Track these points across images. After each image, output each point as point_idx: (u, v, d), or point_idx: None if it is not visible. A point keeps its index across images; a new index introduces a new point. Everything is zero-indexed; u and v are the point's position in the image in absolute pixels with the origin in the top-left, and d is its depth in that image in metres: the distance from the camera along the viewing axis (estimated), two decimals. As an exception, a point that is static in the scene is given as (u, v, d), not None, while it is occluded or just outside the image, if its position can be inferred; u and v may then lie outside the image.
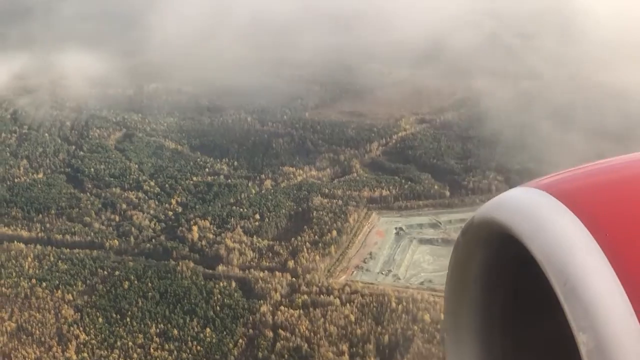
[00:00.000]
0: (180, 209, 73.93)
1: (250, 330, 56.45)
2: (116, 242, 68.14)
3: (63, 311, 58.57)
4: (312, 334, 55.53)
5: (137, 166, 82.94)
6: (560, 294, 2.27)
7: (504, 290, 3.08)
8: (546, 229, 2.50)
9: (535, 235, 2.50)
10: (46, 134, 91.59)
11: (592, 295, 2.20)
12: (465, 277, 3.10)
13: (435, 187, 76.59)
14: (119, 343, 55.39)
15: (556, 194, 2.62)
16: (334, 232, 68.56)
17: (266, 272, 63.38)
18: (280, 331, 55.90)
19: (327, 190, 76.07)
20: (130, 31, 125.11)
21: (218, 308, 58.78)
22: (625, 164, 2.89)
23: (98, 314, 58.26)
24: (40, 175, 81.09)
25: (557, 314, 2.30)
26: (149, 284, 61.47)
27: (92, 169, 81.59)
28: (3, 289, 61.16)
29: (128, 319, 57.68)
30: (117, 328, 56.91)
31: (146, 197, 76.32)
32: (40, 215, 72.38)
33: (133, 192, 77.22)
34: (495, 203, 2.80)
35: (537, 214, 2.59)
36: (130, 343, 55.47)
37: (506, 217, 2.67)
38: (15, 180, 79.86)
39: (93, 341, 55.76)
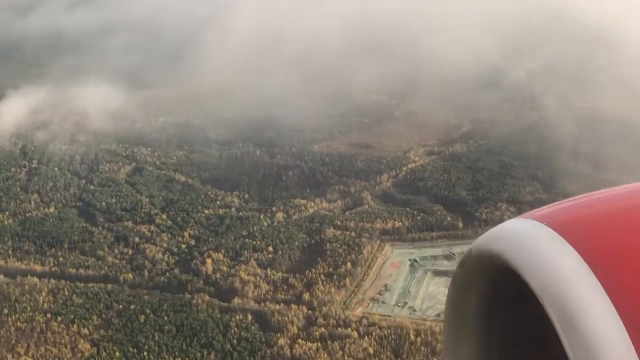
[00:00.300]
0: (193, 242, 73.81)
1: (269, 364, 56.15)
2: (130, 275, 67.94)
3: (80, 345, 58.17)
4: (331, 367, 55.24)
5: (148, 199, 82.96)
6: (558, 326, 2.27)
7: (502, 321, 3.09)
8: (543, 261, 2.50)
9: (533, 267, 2.50)
10: (56, 168, 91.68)
11: (590, 327, 2.21)
12: (464, 308, 3.12)
13: (448, 218, 76.64)
14: (136, 377, 54.97)
15: (553, 226, 2.63)
16: (349, 264, 68.47)
17: (282, 304, 63.18)
18: (299, 364, 55.63)
19: (339, 222, 76.11)
20: (151, 64, 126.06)
21: (235, 341, 58.45)
22: (621, 195, 2.90)
23: (115, 348, 57.85)
24: (52, 210, 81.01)
25: (555, 345, 2.31)
26: (165, 318, 61.16)
27: (104, 203, 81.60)
28: (18, 323, 60.78)
29: (145, 353, 57.29)
30: (134, 362, 56.54)
31: (158, 230, 76.25)
32: (53, 249, 72.22)
33: (145, 225, 77.15)
34: (492, 235, 2.81)
35: (534, 246, 2.59)
36: (148, 377, 55.07)
37: (503, 249, 2.68)
38: (27, 214, 79.80)
39: (110, 376, 55.37)
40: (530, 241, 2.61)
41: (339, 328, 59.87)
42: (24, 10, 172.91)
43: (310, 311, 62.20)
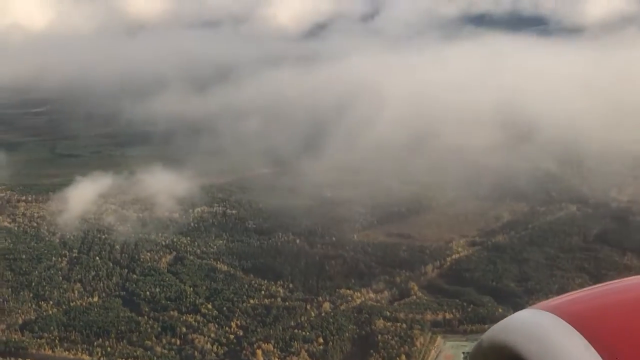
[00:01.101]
0: (241, 332, 72.55)
1: None
2: (180, 366, 66.54)
3: None
4: None
5: (191, 289, 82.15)
6: None
7: None
8: (555, 353, 2.44)
9: (545, 359, 2.43)
10: (97, 258, 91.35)
11: None
12: None
13: (499, 310, 75.23)
14: None
15: (565, 316, 2.57)
16: (403, 357, 66.92)
17: (338, 398, 61.44)
18: None
19: (388, 313, 74.87)
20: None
21: None
22: (631, 286, 2.91)
23: None
24: (96, 299, 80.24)
25: None
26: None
27: (148, 292, 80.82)
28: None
29: None
30: None
31: (205, 320, 75.14)
32: (100, 339, 71.05)
33: (191, 315, 76.11)
34: (503, 326, 2.78)
35: (546, 337, 2.53)
36: None
37: (515, 340, 2.63)
38: (71, 304, 79.02)
39: None
40: (543, 333, 2.57)
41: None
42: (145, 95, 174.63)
43: (367, 405, 60.40)
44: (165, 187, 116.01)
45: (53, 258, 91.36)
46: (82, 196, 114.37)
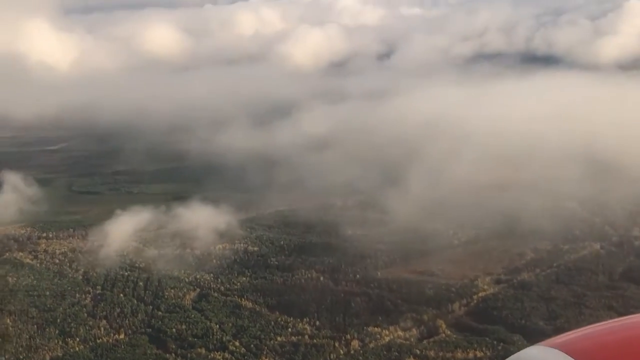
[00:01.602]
0: (271, 371, 71.97)
1: None
2: (210, 405, 65.82)
3: None
4: None
5: (217, 326, 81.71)
6: None
7: None
8: None
9: None
10: (121, 294, 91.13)
11: None
12: None
13: (530, 348, 74.44)
14: None
15: (571, 353, 2.76)
16: (436, 395, 66.17)
17: None
18: None
19: (418, 352, 74.19)
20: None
21: None
22: (636, 323, 2.97)
23: None
24: (122, 336, 79.82)
25: None
26: None
27: (174, 329, 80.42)
28: None
29: None
30: None
31: (233, 357, 74.66)
32: (129, 377, 70.55)
33: (219, 352, 75.61)
34: None
35: None
36: None
37: None
38: (98, 340, 78.63)
39: None
40: None
41: None
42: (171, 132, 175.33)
43: None
44: (185, 224, 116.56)
45: (77, 295, 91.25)
46: (103, 233, 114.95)
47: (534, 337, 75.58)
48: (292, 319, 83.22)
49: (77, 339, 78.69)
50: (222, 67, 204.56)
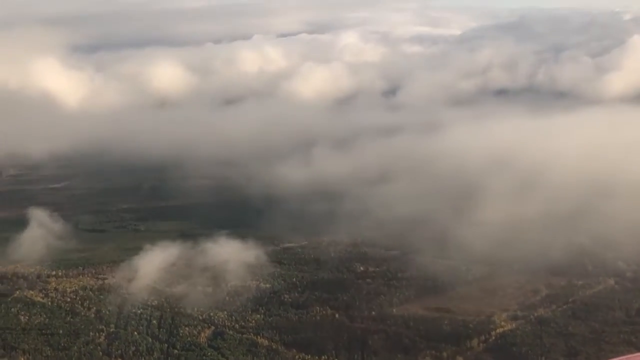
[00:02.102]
0: (292, 409, 71.02)
1: None
2: None
3: None
4: None
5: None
6: None
7: None
8: None
9: None
10: (135, 333, 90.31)
11: None
12: None
13: (553, 384, 73.92)
14: None
15: None
16: None
17: None
18: None
19: (440, 389, 73.39)
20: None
21: None
22: None
23: None
24: (139, 375, 78.92)
25: None
26: None
27: (191, 368, 79.57)
28: None
29: None
30: None
31: (253, 396, 73.70)
32: (149, 416, 69.53)
33: (238, 391, 74.71)
34: None
35: None
36: None
37: None
38: (114, 379, 77.64)
39: None
40: None
41: None
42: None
43: None
44: (196, 262, 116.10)
45: (91, 333, 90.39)
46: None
47: (555, 373, 75.16)
48: (309, 356, 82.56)
49: (94, 378, 77.64)
50: (228, 104, 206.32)
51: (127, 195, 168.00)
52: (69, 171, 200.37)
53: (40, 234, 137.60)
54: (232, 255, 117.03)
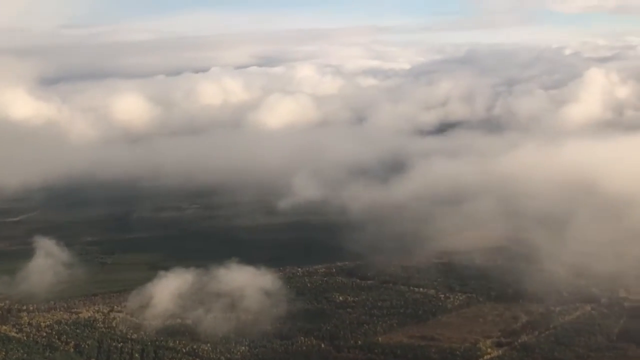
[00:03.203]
0: None
1: None
2: None
3: None
4: None
5: (226, 397, 79.63)
6: None
7: None
8: None
9: None
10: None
11: None
12: None
13: (548, 409, 74.65)
14: None
15: None
16: None
17: None
18: None
19: (436, 417, 73.40)
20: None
21: None
22: None
23: None
24: (129, 409, 77.03)
25: None
26: None
27: (182, 401, 77.98)
28: None
29: None
30: None
31: None
32: None
33: None
34: None
35: None
36: None
37: None
38: (104, 414, 75.65)
39: None
40: None
41: None
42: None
43: None
44: (170, 293, 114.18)
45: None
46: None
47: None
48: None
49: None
50: (195, 134, 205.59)
51: (93, 227, 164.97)
52: (31, 204, 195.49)
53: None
54: (205, 285, 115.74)
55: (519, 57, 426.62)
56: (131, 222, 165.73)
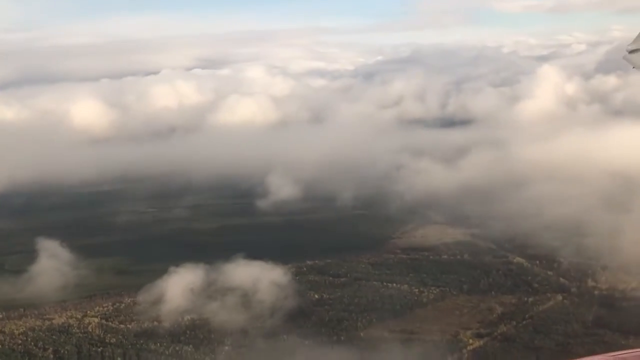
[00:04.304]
0: None
1: None
2: None
3: None
4: None
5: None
6: None
7: None
8: None
9: None
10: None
11: None
12: None
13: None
14: None
15: None
16: None
17: None
18: None
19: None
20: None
21: None
22: None
23: None
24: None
25: None
26: None
27: (174, 403, 77.36)
28: None
29: None
30: None
31: None
32: None
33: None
34: None
35: None
36: None
37: None
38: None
39: None
40: None
41: None
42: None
43: None
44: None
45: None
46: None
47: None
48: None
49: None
50: (156, 137, 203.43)
51: (55, 232, 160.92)
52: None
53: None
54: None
55: (461, 56, 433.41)
56: (96, 226, 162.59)
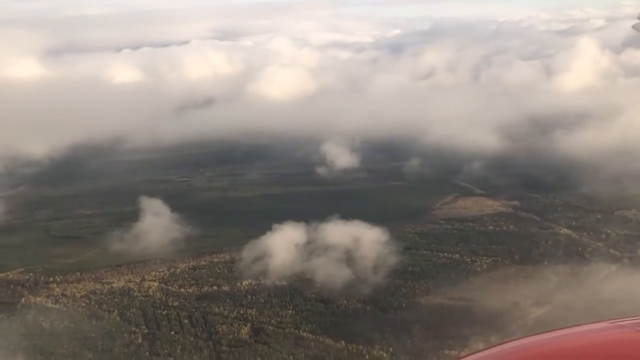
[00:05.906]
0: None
1: None
2: None
3: None
4: None
5: (291, 357, 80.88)
6: None
7: None
8: None
9: None
10: (172, 332, 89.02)
11: None
12: None
13: None
14: None
15: None
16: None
17: None
18: None
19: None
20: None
21: None
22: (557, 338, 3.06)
23: None
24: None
25: None
26: None
27: (251, 363, 78.87)
28: None
29: None
30: None
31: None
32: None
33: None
34: None
35: None
36: None
37: None
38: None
39: None
40: None
41: None
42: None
43: None
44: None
45: (125, 335, 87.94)
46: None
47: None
48: (361, 347, 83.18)
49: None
50: (198, 107, 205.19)
51: (86, 201, 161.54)
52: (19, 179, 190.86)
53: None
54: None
55: (481, 30, 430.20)
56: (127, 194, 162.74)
